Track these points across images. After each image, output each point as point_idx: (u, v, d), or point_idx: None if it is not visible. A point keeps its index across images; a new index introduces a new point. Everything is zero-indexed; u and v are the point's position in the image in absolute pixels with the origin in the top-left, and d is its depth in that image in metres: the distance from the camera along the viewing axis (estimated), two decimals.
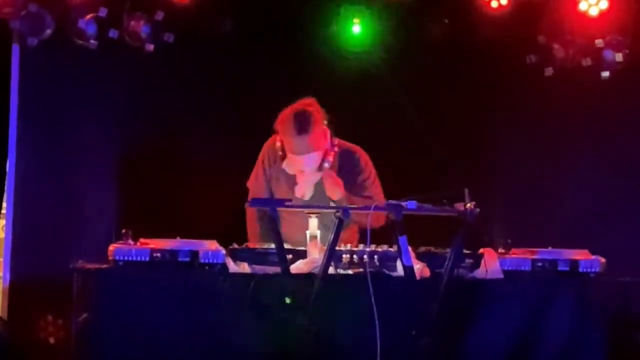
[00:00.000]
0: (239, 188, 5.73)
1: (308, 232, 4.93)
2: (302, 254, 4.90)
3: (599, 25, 6.83)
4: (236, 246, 4.90)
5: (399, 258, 4.71)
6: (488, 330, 4.86)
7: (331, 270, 4.77)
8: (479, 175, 6.64)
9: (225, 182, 6.40)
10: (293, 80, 6.54)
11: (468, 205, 4.67)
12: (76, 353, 4.81)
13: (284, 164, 5.44)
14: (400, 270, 4.75)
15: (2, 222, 6.58)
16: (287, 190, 5.45)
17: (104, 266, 4.68)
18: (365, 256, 4.82)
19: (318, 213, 4.96)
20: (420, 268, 4.82)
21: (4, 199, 6.45)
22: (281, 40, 6.76)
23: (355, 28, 6.86)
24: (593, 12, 6.79)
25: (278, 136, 5.43)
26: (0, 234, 6.64)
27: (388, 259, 4.85)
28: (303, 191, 5.38)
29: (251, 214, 5.58)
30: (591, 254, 5.05)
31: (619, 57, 6.82)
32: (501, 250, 5.01)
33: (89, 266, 4.73)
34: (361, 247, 4.88)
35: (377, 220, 4.91)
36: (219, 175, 6.56)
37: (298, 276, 4.74)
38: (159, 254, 4.63)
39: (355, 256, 4.85)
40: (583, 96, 6.89)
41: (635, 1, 6.82)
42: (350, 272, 4.83)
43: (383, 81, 6.85)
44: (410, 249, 4.72)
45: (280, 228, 4.88)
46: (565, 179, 6.97)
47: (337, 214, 4.65)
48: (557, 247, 5.07)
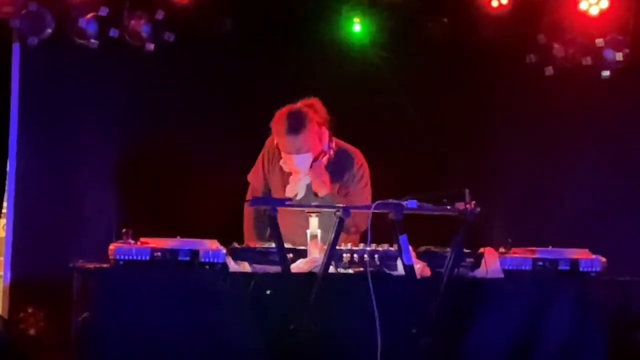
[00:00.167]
0: (239, 187, 5.74)
1: (309, 231, 4.93)
2: (303, 253, 4.90)
3: (600, 24, 6.82)
4: (237, 245, 4.90)
5: (400, 257, 4.72)
6: (488, 329, 4.86)
7: (332, 269, 4.77)
8: (479, 175, 6.64)
9: (225, 182, 6.41)
10: (293, 80, 6.55)
11: (468, 204, 4.67)
12: (76, 352, 4.82)
13: (281, 162, 5.43)
14: (400, 269, 4.75)
15: (3, 221, 6.57)
16: (281, 188, 5.44)
17: (104, 265, 4.68)
18: (365, 255, 4.81)
19: (318, 212, 4.96)
20: (420, 267, 4.83)
21: (5, 198, 6.45)
22: (281, 40, 6.75)
23: (355, 27, 6.85)
24: (593, 12, 6.80)
25: None
26: (0, 233, 6.64)
27: (388, 258, 4.84)
28: (293, 190, 5.34)
29: (248, 210, 5.58)
30: (591, 254, 5.05)
31: (619, 57, 6.83)
32: (502, 249, 5.01)
33: (89, 265, 4.73)
34: (362, 246, 4.88)
35: (360, 223, 5.00)
36: (219, 174, 6.56)
37: (298, 275, 4.74)
38: (160, 254, 4.63)
39: (355, 255, 4.84)
40: (583, 96, 6.89)
41: (635, 0, 6.82)
42: (350, 271, 4.83)
43: (383, 81, 6.85)
44: (410, 248, 4.72)
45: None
46: (565, 179, 6.97)
47: (338, 213, 4.65)
48: (558, 247, 5.08)
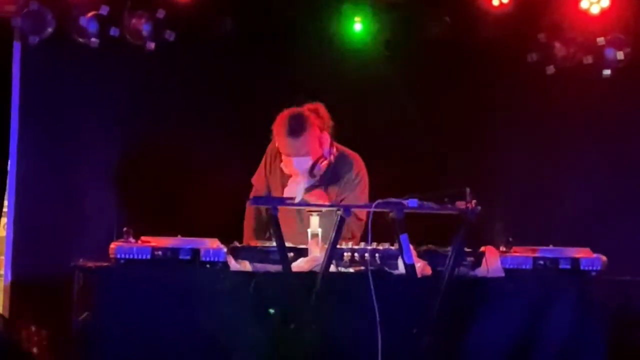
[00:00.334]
0: (239, 187, 5.74)
1: (309, 230, 4.93)
2: (303, 252, 4.90)
3: (601, 23, 6.82)
4: (237, 244, 4.90)
5: (400, 256, 4.71)
6: (489, 328, 4.86)
7: (332, 268, 4.77)
8: (479, 174, 6.62)
9: (225, 181, 6.41)
10: (293, 80, 6.54)
11: (469, 203, 4.67)
12: (77, 351, 4.81)
13: (282, 164, 5.44)
14: (401, 268, 4.75)
15: (4, 221, 6.57)
16: (280, 189, 5.44)
17: (105, 264, 4.68)
18: (366, 254, 4.81)
19: (319, 211, 4.96)
20: (421, 266, 4.83)
21: (5, 197, 6.45)
22: (281, 40, 6.74)
23: (356, 26, 6.85)
24: (594, 10, 6.79)
25: None
26: (1, 232, 6.63)
27: (389, 257, 4.84)
28: (291, 193, 5.30)
29: (249, 211, 5.59)
30: (592, 253, 5.05)
31: (621, 55, 6.82)
32: (502, 248, 5.01)
33: (90, 264, 4.73)
34: (362, 245, 4.88)
35: (355, 231, 5.04)
36: (220, 173, 6.56)
37: (299, 274, 4.74)
38: (160, 252, 4.63)
39: (356, 254, 4.84)
40: (584, 95, 6.89)
41: None
42: (351, 270, 4.83)
43: (383, 80, 6.85)
44: (411, 247, 4.72)
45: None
46: (565, 178, 6.97)
47: (339, 212, 4.65)
48: (558, 246, 5.08)
